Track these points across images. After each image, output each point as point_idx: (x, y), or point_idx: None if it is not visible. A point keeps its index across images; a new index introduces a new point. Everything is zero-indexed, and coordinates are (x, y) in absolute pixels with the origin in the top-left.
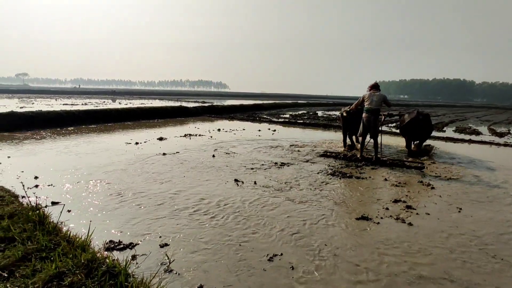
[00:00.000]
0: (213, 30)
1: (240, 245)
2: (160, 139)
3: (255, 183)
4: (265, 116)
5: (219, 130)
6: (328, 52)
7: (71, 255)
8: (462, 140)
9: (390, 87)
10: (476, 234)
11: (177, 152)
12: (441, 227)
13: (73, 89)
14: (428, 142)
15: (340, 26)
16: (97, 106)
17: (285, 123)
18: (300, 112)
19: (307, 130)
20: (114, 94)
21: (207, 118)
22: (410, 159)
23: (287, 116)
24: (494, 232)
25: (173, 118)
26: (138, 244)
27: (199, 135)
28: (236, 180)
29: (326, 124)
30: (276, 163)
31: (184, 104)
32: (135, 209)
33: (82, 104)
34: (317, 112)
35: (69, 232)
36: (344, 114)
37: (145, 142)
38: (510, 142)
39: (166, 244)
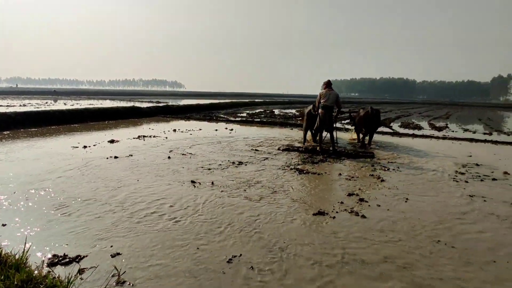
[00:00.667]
0: (167, 28)
1: (198, 248)
2: (112, 141)
3: (212, 183)
4: (222, 116)
5: (174, 130)
6: (283, 51)
7: (2, 277)
8: (407, 135)
9: (342, 85)
10: (421, 222)
11: (130, 155)
12: (390, 217)
13: (10, 89)
14: (379, 137)
15: (295, 27)
16: (38, 108)
17: (242, 122)
18: (257, 111)
19: (264, 128)
20: (55, 94)
21: (162, 119)
22: (362, 150)
23: (244, 115)
24: (436, 220)
25: (126, 119)
26: (86, 256)
27: (154, 136)
28: (193, 182)
29: (283, 122)
30: (233, 162)
31: (138, 104)
32: (83, 218)
33: (21, 106)
34: (274, 110)
35: (0, 250)
36: (313, 111)
37: (94, 145)
38: (448, 135)
39: (118, 254)
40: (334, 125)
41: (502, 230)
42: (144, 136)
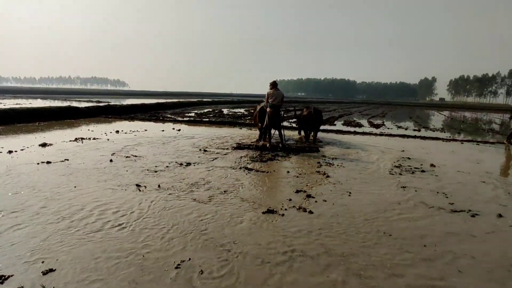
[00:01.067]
0: (108, 23)
1: (143, 256)
2: (43, 145)
3: (159, 186)
4: (169, 116)
5: (117, 131)
6: (232, 51)
7: None
8: (349, 132)
9: (289, 85)
10: (362, 214)
11: (65, 160)
12: (335, 211)
13: None
14: (324, 135)
15: (243, 27)
16: None
17: (191, 122)
18: (205, 110)
19: (213, 128)
20: None
21: (103, 119)
22: (308, 146)
23: (192, 114)
24: (376, 211)
25: (61, 120)
26: (12, 276)
27: (94, 139)
28: (138, 185)
29: (232, 122)
30: (181, 163)
31: (75, 104)
32: (8, 233)
33: None
34: (222, 110)
35: None
36: (265, 108)
37: (22, 149)
38: (385, 132)
39: (51, 270)
40: (282, 123)
41: (430, 217)
42: (82, 139)
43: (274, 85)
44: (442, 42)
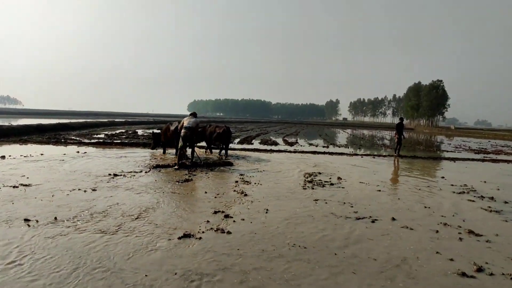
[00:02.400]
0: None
1: None
2: None
3: (55, 219)
4: (73, 137)
5: (3, 157)
6: (149, 70)
7: None
8: (266, 150)
9: (208, 105)
10: (279, 230)
11: None
12: (252, 229)
13: None
14: (242, 153)
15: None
16: None
17: (100, 144)
18: (117, 131)
19: (126, 149)
20: None
21: None
22: (221, 160)
23: (102, 136)
24: (291, 226)
25: None
26: None
27: None
28: (26, 220)
29: (147, 143)
30: (85, 190)
31: None
32: None
33: None
34: (137, 130)
35: None
36: (183, 132)
37: None
38: (298, 149)
39: None
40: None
41: (339, 226)
42: None
43: (193, 114)
44: (344, 70)
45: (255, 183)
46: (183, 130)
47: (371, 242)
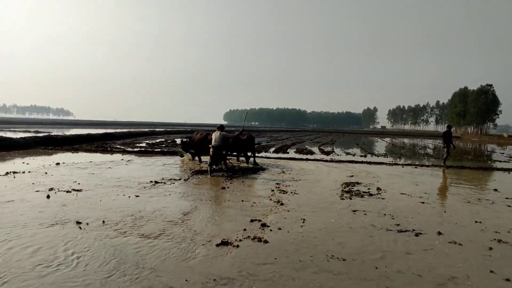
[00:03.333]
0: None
1: None
2: None
3: (103, 222)
4: (118, 146)
5: (58, 164)
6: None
7: None
8: (301, 159)
9: (243, 114)
10: (317, 240)
11: None
12: (290, 238)
13: None
14: (279, 161)
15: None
16: None
17: (141, 153)
18: (158, 140)
19: (165, 158)
20: None
21: (42, 151)
22: (254, 166)
23: (144, 144)
24: (329, 236)
25: None
26: None
27: (29, 172)
28: (78, 223)
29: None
30: (129, 196)
31: (9, 134)
32: None
33: None
34: (175, 139)
35: None
36: (211, 151)
37: None
38: (334, 159)
39: None
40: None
41: (379, 238)
42: (14, 172)
43: (220, 128)
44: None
45: (291, 193)
46: (211, 149)
47: (415, 257)
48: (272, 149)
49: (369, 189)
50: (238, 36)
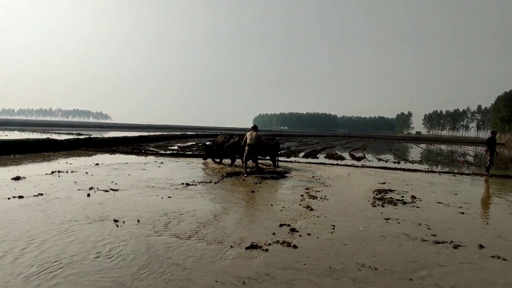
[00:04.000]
0: (92, 54)
1: None
2: (17, 178)
3: (138, 221)
4: (151, 148)
5: (97, 164)
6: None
7: None
8: (332, 164)
9: (273, 119)
10: (347, 248)
11: (39, 194)
12: (319, 244)
13: None
14: (308, 166)
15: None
16: None
17: (173, 155)
18: (189, 143)
19: (197, 160)
20: None
21: (83, 152)
22: (279, 170)
23: (176, 147)
24: (360, 244)
25: (37, 153)
26: None
27: (72, 172)
28: (115, 220)
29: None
30: (162, 197)
31: (54, 136)
32: None
33: None
34: (206, 143)
35: None
36: (247, 149)
37: None
38: (366, 164)
39: None
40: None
41: (414, 249)
42: (59, 172)
43: (254, 128)
44: (416, 80)
45: (321, 198)
46: (246, 147)
47: (453, 271)
48: (302, 154)
49: (402, 197)
50: (269, 39)
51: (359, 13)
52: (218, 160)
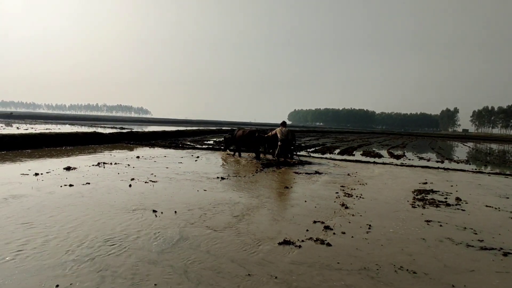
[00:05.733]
0: (134, 53)
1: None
2: (68, 168)
3: (175, 212)
4: (188, 143)
5: (138, 157)
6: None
7: None
8: (368, 162)
9: (308, 115)
10: (383, 249)
11: (87, 183)
12: (354, 244)
13: None
14: (343, 163)
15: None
16: None
17: (209, 150)
18: (223, 138)
19: (231, 155)
20: (10, 117)
21: (125, 145)
22: (311, 167)
23: (211, 142)
24: (398, 246)
25: (86, 145)
26: None
27: (115, 163)
28: (154, 211)
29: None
30: (198, 190)
31: (100, 130)
32: (5, 266)
33: None
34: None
35: None
36: (280, 144)
37: (47, 172)
38: (405, 163)
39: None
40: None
41: (458, 254)
42: (104, 163)
43: (283, 124)
44: (464, 73)
45: (356, 196)
46: (279, 143)
47: (501, 280)
48: (337, 151)
49: (446, 198)
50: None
51: (403, 4)
52: (234, 151)
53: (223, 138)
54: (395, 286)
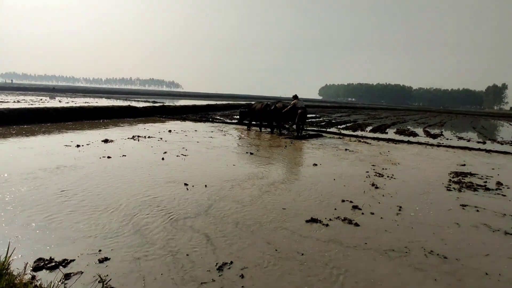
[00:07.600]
0: (166, 28)
1: (187, 255)
2: (105, 141)
3: (205, 186)
4: (218, 117)
5: (170, 131)
6: (281, 54)
7: None
8: (402, 141)
9: (339, 89)
10: (414, 232)
11: (123, 156)
12: (383, 225)
13: (4, 84)
14: (375, 142)
15: (294, 30)
16: (32, 104)
17: (238, 124)
18: None
19: (259, 129)
20: (53, 91)
21: (157, 119)
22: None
23: None
24: (430, 229)
25: (121, 118)
26: (73, 260)
27: (149, 137)
28: (185, 184)
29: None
30: (227, 165)
31: (134, 103)
32: (70, 219)
33: (14, 102)
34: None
35: None
36: (300, 112)
37: (87, 144)
38: (443, 143)
39: (106, 259)
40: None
41: (494, 242)
42: (138, 137)
43: (295, 97)
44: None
45: (387, 176)
46: (299, 111)
47: None
48: (369, 128)
49: (485, 182)
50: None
51: None
52: (248, 126)
53: (239, 111)
54: (423, 270)
